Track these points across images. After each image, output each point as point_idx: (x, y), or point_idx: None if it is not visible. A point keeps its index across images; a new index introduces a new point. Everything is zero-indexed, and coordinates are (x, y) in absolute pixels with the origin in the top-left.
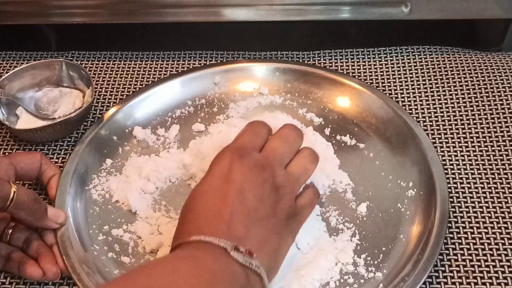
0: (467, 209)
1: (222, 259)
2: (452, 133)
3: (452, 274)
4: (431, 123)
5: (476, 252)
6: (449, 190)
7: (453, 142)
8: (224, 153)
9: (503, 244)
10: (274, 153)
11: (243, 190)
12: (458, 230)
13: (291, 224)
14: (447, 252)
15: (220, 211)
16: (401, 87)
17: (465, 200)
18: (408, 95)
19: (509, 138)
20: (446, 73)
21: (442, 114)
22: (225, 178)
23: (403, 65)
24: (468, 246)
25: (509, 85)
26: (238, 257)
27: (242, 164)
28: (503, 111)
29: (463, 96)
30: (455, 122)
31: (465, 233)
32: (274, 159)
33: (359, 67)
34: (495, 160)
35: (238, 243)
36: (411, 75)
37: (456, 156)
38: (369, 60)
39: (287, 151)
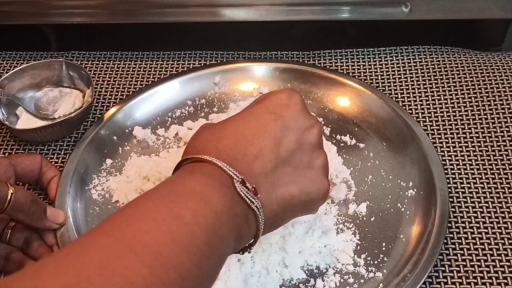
0: (467, 209)
1: (228, 194)
2: (452, 133)
3: (452, 274)
4: (431, 123)
5: (476, 252)
6: (449, 190)
7: (453, 142)
8: (288, 91)
9: (503, 244)
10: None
11: (288, 128)
12: (458, 230)
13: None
14: (447, 252)
15: (251, 139)
16: (401, 87)
17: (465, 200)
18: (408, 95)
19: (509, 138)
20: (446, 73)
21: (442, 114)
22: (275, 111)
23: (403, 65)
24: (468, 246)
25: (509, 85)
26: (242, 191)
27: (299, 105)
28: (503, 111)
29: (463, 96)
30: (455, 122)
31: (465, 233)
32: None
33: (359, 67)
34: (495, 160)
35: (249, 178)
36: (411, 75)
37: (456, 156)
38: (369, 60)
39: None
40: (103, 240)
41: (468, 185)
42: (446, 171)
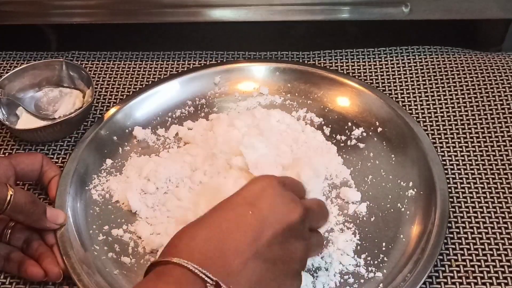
0: (467, 209)
1: None
2: (452, 133)
3: (452, 274)
4: (431, 123)
5: (476, 252)
6: (449, 190)
7: (453, 142)
8: (263, 177)
9: (503, 244)
10: (309, 209)
11: (265, 221)
12: (458, 230)
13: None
14: (447, 252)
15: (227, 234)
16: (401, 87)
17: (465, 200)
18: (408, 95)
19: (509, 138)
20: (446, 73)
21: (442, 114)
22: (251, 201)
23: (403, 65)
24: (468, 246)
25: (509, 85)
26: None
27: (275, 193)
28: (503, 111)
29: (463, 96)
30: (455, 122)
31: (465, 233)
32: (308, 214)
33: (359, 67)
34: (495, 160)
35: (226, 278)
36: (411, 75)
37: (456, 156)
38: (369, 60)
39: (316, 219)
40: None
41: (468, 185)
42: (446, 171)
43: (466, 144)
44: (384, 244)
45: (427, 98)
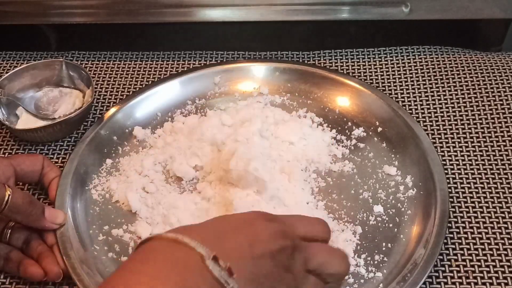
0: (467, 209)
1: (190, 279)
2: (452, 133)
3: (452, 274)
4: (431, 123)
5: (476, 252)
6: (449, 190)
7: (453, 142)
8: (250, 212)
9: (503, 244)
10: (304, 248)
11: (258, 235)
12: (458, 230)
13: None
14: (447, 252)
15: (219, 227)
16: (401, 87)
17: (465, 200)
18: (408, 95)
19: (509, 138)
20: (446, 73)
21: (442, 114)
22: (246, 219)
23: (403, 65)
24: (468, 246)
25: (509, 85)
26: (214, 269)
27: (266, 224)
28: (503, 111)
29: (463, 96)
30: (455, 122)
31: (465, 233)
32: (299, 253)
33: (359, 67)
34: (495, 160)
35: (220, 256)
36: (411, 75)
37: (456, 156)
38: (369, 60)
39: (318, 263)
40: None
41: (468, 185)
42: (446, 171)
43: (466, 144)
44: (384, 244)
45: (427, 98)
